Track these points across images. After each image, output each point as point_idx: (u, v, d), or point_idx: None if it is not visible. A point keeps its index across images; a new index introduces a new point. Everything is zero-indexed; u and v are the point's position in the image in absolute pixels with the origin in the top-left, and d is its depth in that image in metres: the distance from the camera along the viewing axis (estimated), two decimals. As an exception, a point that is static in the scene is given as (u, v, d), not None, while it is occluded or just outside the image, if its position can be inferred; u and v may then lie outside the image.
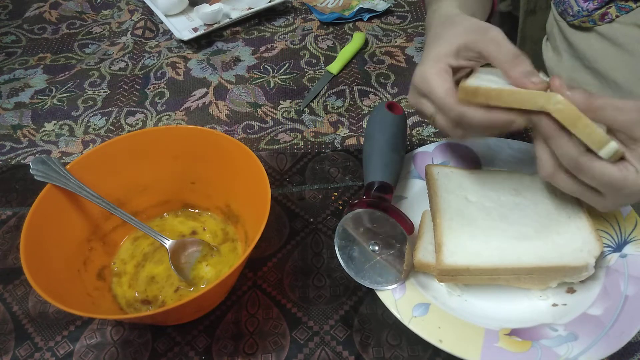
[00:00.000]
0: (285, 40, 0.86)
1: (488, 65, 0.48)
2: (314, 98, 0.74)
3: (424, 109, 0.49)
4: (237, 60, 0.82)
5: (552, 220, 0.50)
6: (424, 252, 0.50)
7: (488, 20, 0.72)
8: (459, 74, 0.49)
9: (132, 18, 0.91)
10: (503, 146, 0.61)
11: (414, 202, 0.57)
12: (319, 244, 0.56)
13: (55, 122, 0.73)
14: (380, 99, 0.74)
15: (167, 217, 0.58)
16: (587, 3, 0.69)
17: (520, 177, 0.55)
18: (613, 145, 0.40)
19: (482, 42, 0.47)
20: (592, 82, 0.72)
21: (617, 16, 0.67)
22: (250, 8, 0.89)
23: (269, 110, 0.73)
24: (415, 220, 0.54)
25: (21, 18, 0.93)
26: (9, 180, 0.64)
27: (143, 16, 0.91)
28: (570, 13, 0.71)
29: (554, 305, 0.48)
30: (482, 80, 0.46)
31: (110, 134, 0.71)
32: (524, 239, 0.48)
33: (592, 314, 0.46)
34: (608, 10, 0.67)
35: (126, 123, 0.72)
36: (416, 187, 0.58)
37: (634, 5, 0.65)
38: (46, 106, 0.75)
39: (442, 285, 0.50)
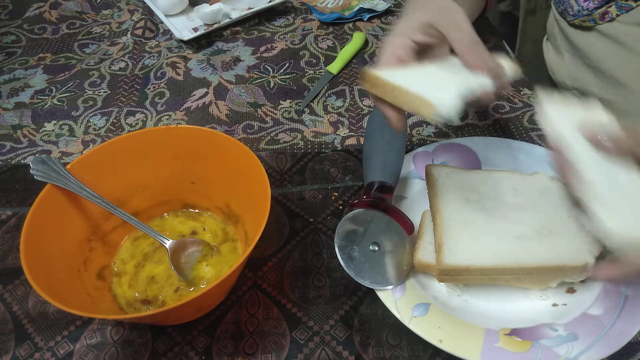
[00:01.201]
0: (285, 40, 0.86)
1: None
2: (314, 98, 0.74)
3: None
4: (237, 60, 0.82)
5: (551, 220, 0.50)
6: (424, 252, 0.50)
7: (481, 16, 0.71)
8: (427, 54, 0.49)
9: (132, 18, 0.91)
10: (503, 146, 0.61)
11: (414, 202, 0.57)
12: (319, 244, 0.56)
13: (55, 122, 0.73)
14: (380, 98, 0.74)
15: (167, 217, 0.58)
16: (587, 2, 0.69)
17: (521, 177, 0.55)
18: None
19: (444, 23, 0.47)
20: (594, 81, 0.72)
21: (617, 15, 0.67)
22: (250, 8, 0.89)
23: (269, 110, 0.73)
24: (415, 220, 0.54)
25: (21, 18, 0.93)
26: (9, 180, 0.64)
27: (143, 16, 0.91)
28: (571, 12, 0.71)
29: (554, 305, 0.48)
30: (393, 74, 0.45)
31: (110, 134, 0.71)
32: (523, 239, 0.48)
33: (592, 314, 0.46)
34: (608, 9, 0.67)
35: (126, 123, 0.72)
36: (416, 187, 0.58)
37: (634, 4, 0.65)
38: (46, 106, 0.75)
39: (442, 285, 0.50)
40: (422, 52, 0.48)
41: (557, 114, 0.45)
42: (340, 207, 0.59)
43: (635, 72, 0.67)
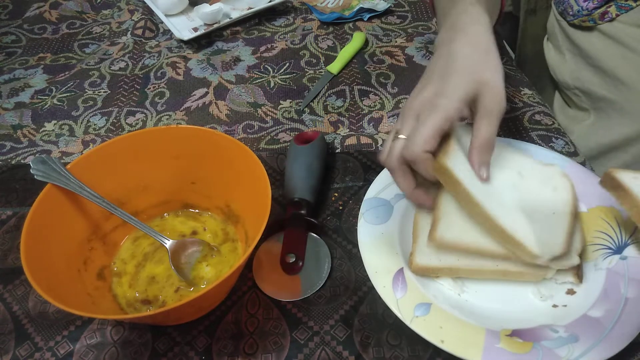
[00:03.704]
0: (286, 40, 0.86)
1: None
2: (314, 98, 0.74)
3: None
4: (237, 60, 0.82)
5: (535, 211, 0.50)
6: (421, 256, 0.50)
7: (497, 21, 0.71)
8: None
9: (132, 18, 0.91)
10: (503, 145, 0.61)
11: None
12: (319, 244, 0.56)
13: (55, 122, 0.73)
14: (381, 98, 0.74)
15: (168, 217, 0.58)
16: (586, 2, 0.69)
17: (531, 163, 0.54)
18: None
19: (480, 105, 0.47)
20: (595, 80, 0.72)
21: (617, 15, 0.67)
22: (250, 8, 0.89)
23: (269, 110, 0.73)
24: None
25: (21, 18, 0.93)
26: (9, 180, 0.64)
27: (143, 16, 0.91)
28: (570, 12, 0.71)
29: (554, 306, 0.48)
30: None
31: (110, 134, 0.71)
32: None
33: (592, 315, 0.46)
34: (608, 9, 0.67)
35: (126, 123, 0.72)
36: (417, 186, 0.58)
37: (634, 4, 0.65)
38: (46, 106, 0.75)
39: (442, 285, 0.50)
40: None
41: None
42: (340, 208, 0.59)
43: (637, 72, 0.67)
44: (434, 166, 0.47)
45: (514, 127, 0.68)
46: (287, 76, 0.79)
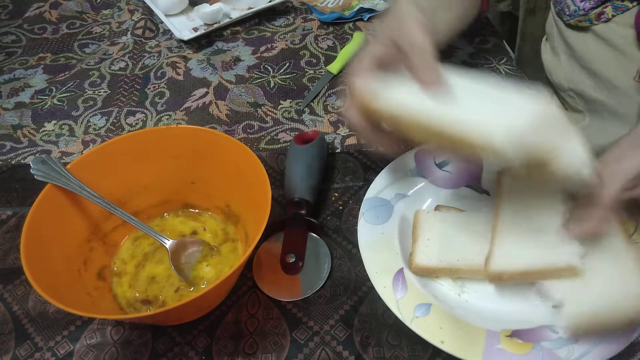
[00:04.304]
0: (286, 40, 0.86)
1: None
2: (314, 98, 0.74)
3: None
4: (237, 60, 0.82)
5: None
6: (422, 256, 0.50)
7: (479, 17, 0.71)
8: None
9: (132, 18, 0.91)
10: None
11: (415, 199, 0.57)
12: (319, 244, 0.56)
13: (55, 122, 0.73)
14: (381, 99, 0.74)
15: (168, 217, 0.58)
16: (583, 2, 0.69)
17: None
18: None
19: (400, 41, 0.47)
20: (588, 82, 0.72)
21: (613, 16, 0.67)
22: (250, 8, 0.89)
23: (269, 110, 0.73)
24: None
25: (21, 18, 0.93)
26: (9, 180, 0.64)
27: (143, 16, 0.91)
28: (567, 12, 0.71)
29: (554, 306, 0.48)
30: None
31: (110, 134, 0.71)
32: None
33: (592, 315, 0.46)
34: (604, 9, 0.67)
35: (126, 123, 0.72)
36: (417, 185, 0.58)
37: (630, 5, 0.65)
38: (46, 106, 0.75)
39: (442, 285, 0.50)
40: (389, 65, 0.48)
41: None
42: (341, 208, 0.59)
43: (627, 74, 0.67)
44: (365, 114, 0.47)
45: (513, 127, 0.68)
46: (287, 76, 0.79)
